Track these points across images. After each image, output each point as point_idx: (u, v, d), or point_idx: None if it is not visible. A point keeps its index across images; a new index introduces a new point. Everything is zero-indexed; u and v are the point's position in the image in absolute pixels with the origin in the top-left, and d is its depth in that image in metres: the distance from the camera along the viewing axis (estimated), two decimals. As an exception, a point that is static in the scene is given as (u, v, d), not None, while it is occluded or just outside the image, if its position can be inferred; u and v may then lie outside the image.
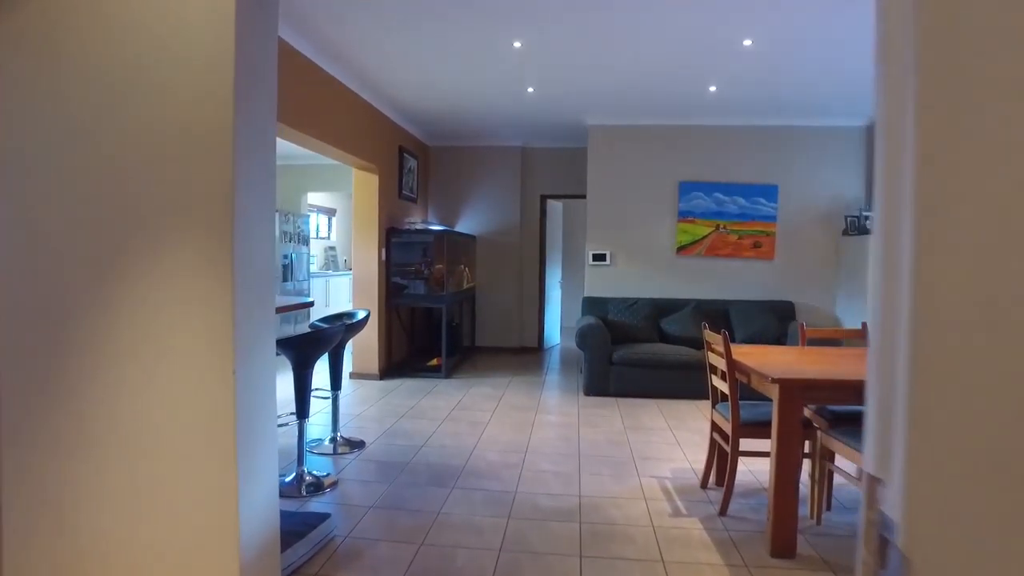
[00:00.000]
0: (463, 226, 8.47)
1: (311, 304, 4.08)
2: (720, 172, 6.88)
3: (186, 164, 1.90)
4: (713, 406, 3.53)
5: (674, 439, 4.53)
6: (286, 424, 3.85)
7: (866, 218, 6.45)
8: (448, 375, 6.76)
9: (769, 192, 6.81)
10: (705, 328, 3.53)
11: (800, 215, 6.85)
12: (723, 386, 3.27)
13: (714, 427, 3.52)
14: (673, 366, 5.84)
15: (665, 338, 6.45)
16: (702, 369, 5.96)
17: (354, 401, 5.60)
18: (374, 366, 6.59)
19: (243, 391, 1.93)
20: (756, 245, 6.86)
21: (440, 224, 8.28)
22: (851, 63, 4.91)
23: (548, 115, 6.82)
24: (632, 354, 5.88)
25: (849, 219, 6.59)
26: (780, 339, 6.32)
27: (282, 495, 3.30)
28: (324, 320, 4.23)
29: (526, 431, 4.69)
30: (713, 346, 3.40)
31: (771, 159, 6.84)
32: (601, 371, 5.93)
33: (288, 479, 3.45)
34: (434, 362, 6.94)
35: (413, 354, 7.55)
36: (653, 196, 6.96)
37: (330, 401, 4.28)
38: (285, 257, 8.49)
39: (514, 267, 8.47)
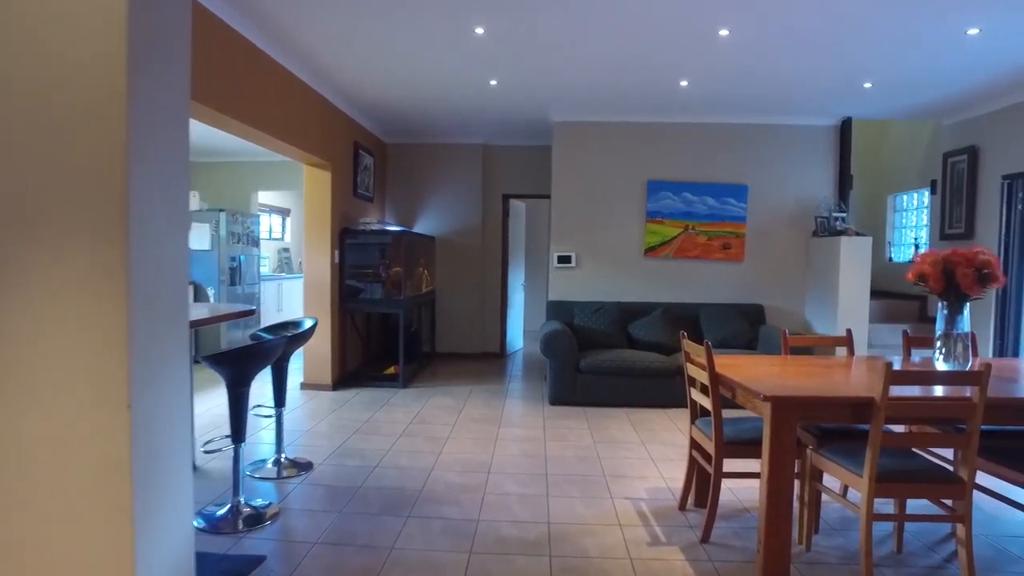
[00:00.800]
0: (422, 227, 8.11)
1: (252, 312, 3.69)
2: (689, 171, 6.67)
3: (69, 146, 1.53)
4: (692, 421, 3.26)
5: (647, 454, 4.26)
6: (218, 450, 3.45)
7: (836, 219, 6.31)
8: (406, 384, 6.39)
9: (739, 192, 6.63)
10: (683, 337, 3.26)
11: (770, 216, 6.68)
12: (704, 401, 3.00)
13: (693, 444, 3.25)
14: (643, 373, 5.58)
15: (634, 344, 6.20)
16: (673, 376, 5.77)
17: (304, 415, 5.19)
18: (327, 376, 6.19)
19: (142, 429, 1.56)
20: (725, 247, 6.67)
21: (398, 225, 7.90)
22: (826, 59, 4.72)
23: (512, 111, 6.51)
24: (600, 361, 5.61)
25: (819, 220, 6.44)
26: (751, 343, 6.13)
27: (216, 531, 2.92)
28: (268, 329, 3.84)
29: (489, 447, 4.36)
30: (693, 357, 3.13)
31: (741, 158, 6.66)
32: (567, 379, 5.64)
33: (221, 512, 3.06)
34: (391, 370, 6.56)
35: (369, 362, 7.15)
36: (620, 196, 6.71)
37: (274, 419, 3.87)
38: (233, 260, 7.99)
39: (475, 270, 8.14)
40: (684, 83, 5.37)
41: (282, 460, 3.80)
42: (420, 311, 7.68)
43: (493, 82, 5.47)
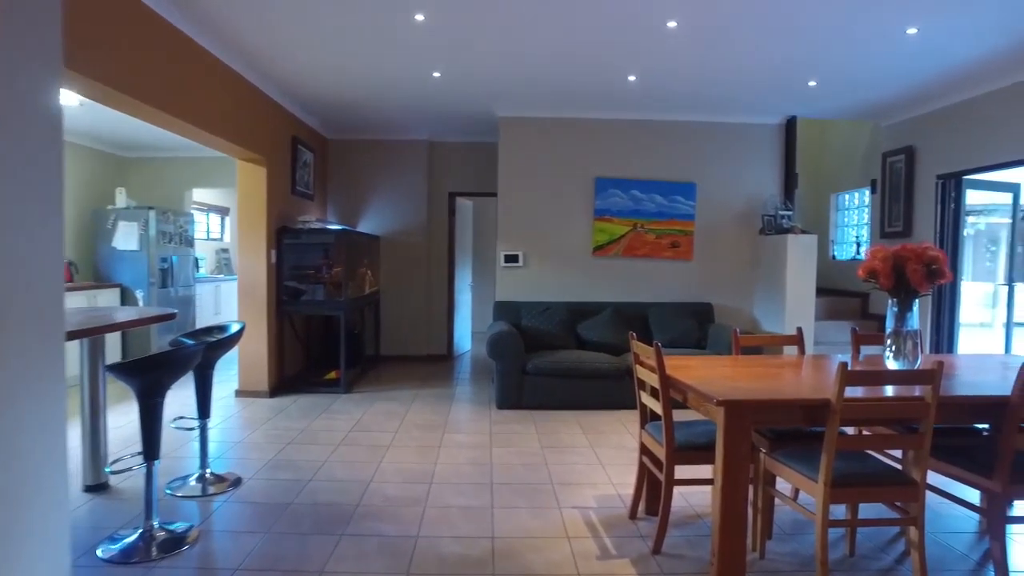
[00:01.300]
0: (366, 226, 7.83)
1: (172, 316, 3.40)
2: (637, 169, 6.60)
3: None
4: (642, 426, 3.14)
5: (596, 459, 4.13)
6: (128, 469, 3.15)
7: (782, 218, 6.34)
8: (348, 389, 6.12)
9: (687, 190, 6.59)
10: (632, 338, 3.13)
11: (718, 214, 6.67)
12: (654, 405, 2.88)
13: (643, 450, 3.12)
14: (591, 375, 5.46)
15: (582, 344, 6.08)
16: (622, 377, 5.67)
17: (236, 425, 4.88)
18: (263, 382, 5.87)
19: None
20: (674, 245, 6.62)
21: (340, 223, 7.61)
22: (772, 54, 4.69)
23: (456, 105, 6.31)
24: (548, 363, 5.46)
25: (766, 218, 6.46)
26: (700, 342, 6.09)
27: (126, 561, 2.64)
28: (191, 335, 3.55)
29: (432, 456, 4.16)
30: (642, 359, 3.01)
31: (689, 156, 6.62)
32: (515, 382, 5.47)
33: (132, 539, 2.77)
34: (332, 375, 6.28)
35: (309, 367, 6.84)
36: (568, 193, 6.59)
37: (198, 432, 3.58)
38: (164, 261, 7.55)
39: (421, 270, 7.91)
40: (632, 78, 5.27)
41: (207, 476, 3.51)
42: (363, 313, 7.41)
43: (436, 74, 5.26)
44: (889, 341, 2.83)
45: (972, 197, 6.07)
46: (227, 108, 4.97)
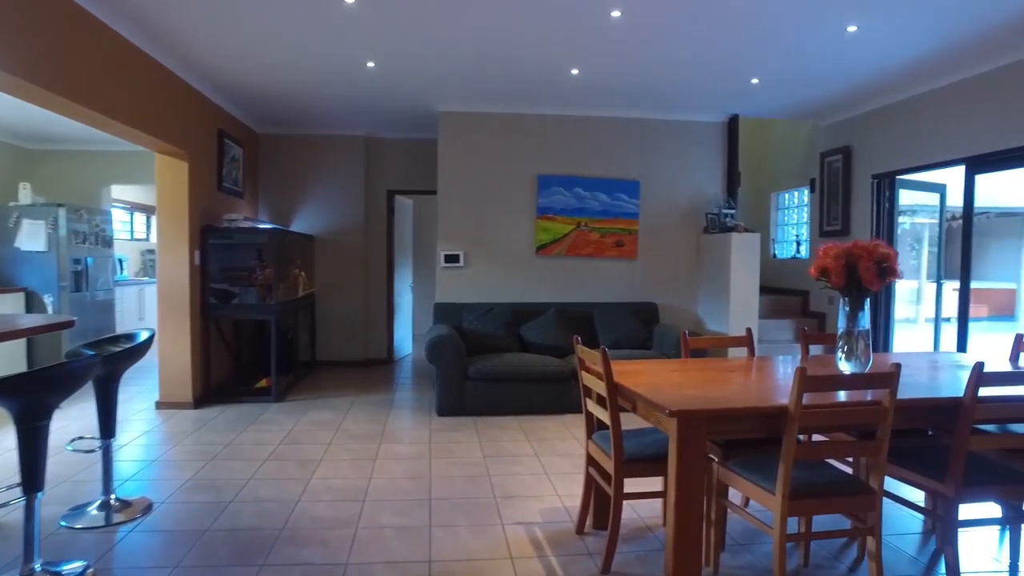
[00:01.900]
0: (300, 225, 7.45)
1: (69, 324, 3.04)
2: (581, 166, 6.46)
3: None
4: (589, 435, 2.96)
5: (541, 468, 3.94)
6: (4, 504, 2.78)
7: (726, 216, 6.31)
8: (280, 398, 5.77)
9: (631, 188, 6.49)
10: (577, 343, 2.95)
11: (662, 213, 6.60)
12: (601, 414, 2.70)
13: (590, 461, 2.95)
14: (535, 378, 5.28)
15: (526, 347, 5.90)
16: (567, 380, 5.50)
17: (153, 441, 4.49)
18: (186, 393, 5.46)
19: None
20: (618, 244, 6.51)
21: (272, 222, 7.22)
22: (716, 50, 4.60)
23: (393, 99, 6.03)
24: (490, 367, 5.25)
25: (710, 217, 6.42)
26: (646, 343, 6.00)
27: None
28: (93, 344, 3.19)
29: (366, 470, 3.89)
30: (588, 364, 2.83)
31: (633, 153, 6.53)
32: (456, 387, 5.24)
33: (11, 582, 2.42)
34: (263, 383, 5.91)
35: (239, 375, 6.44)
36: (510, 191, 6.40)
37: (100, 454, 3.21)
38: (77, 263, 6.99)
39: (359, 271, 7.58)
40: (575, 72, 5.12)
41: (111, 503, 3.15)
42: (297, 316, 7.04)
43: (371, 64, 4.98)
44: (841, 342, 2.73)
45: (902, 197, 6.17)
46: (142, 96, 4.57)
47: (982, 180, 6.03)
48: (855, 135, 6.36)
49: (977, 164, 5.12)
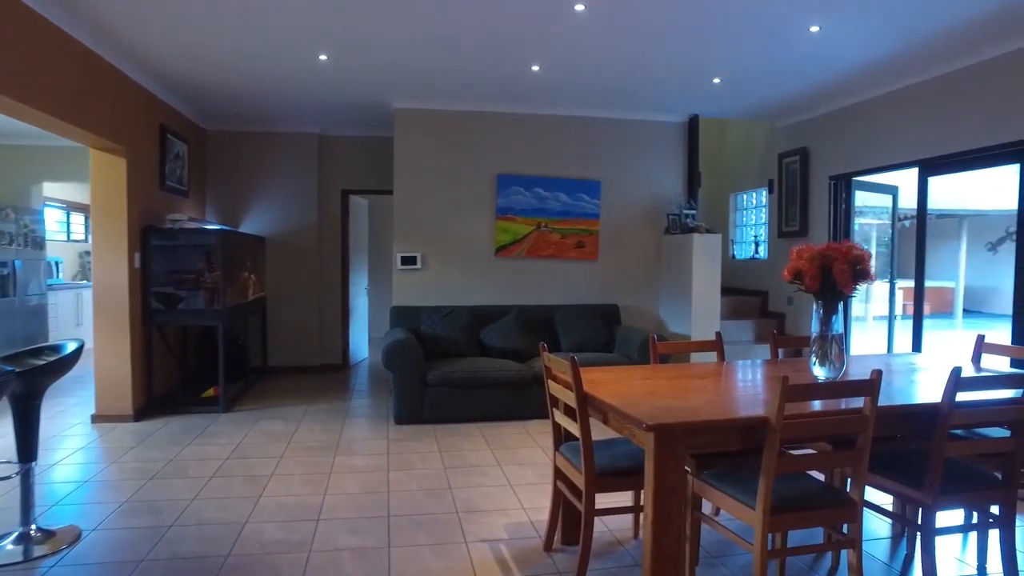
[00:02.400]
0: (250, 226, 7.13)
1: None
2: (541, 165, 6.33)
3: None
4: (556, 447, 2.82)
5: (505, 479, 3.79)
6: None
7: (687, 216, 6.27)
8: (228, 408, 5.47)
9: (592, 188, 6.39)
10: (543, 350, 2.80)
11: (623, 213, 6.52)
12: (570, 425, 2.56)
13: (558, 474, 2.80)
14: (496, 384, 5.13)
15: (486, 351, 5.74)
16: (530, 385, 5.35)
17: (87, 460, 4.17)
18: (126, 404, 5.12)
19: None
20: (579, 245, 6.41)
21: (221, 223, 6.89)
22: (678, 50, 4.53)
23: (347, 94, 5.80)
24: (449, 372, 5.07)
25: (671, 217, 6.37)
26: (608, 345, 5.90)
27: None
28: (10, 358, 2.90)
29: (321, 485, 3.67)
30: (556, 373, 2.69)
31: (594, 153, 6.43)
32: (414, 394, 5.05)
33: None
34: (210, 392, 5.60)
35: (185, 384, 6.10)
36: (469, 191, 6.23)
37: (19, 480, 2.91)
38: (3, 265, 6.55)
39: (312, 273, 7.30)
40: (536, 68, 4.98)
41: (31, 534, 2.86)
42: (247, 321, 6.73)
43: (323, 57, 4.75)
44: (815, 346, 2.65)
45: (856, 198, 6.23)
46: (70, 86, 4.24)
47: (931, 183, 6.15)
48: (812, 137, 6.39)
49: (930, 167, 5.18)
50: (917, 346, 5.32)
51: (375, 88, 5.60)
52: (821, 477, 3.02)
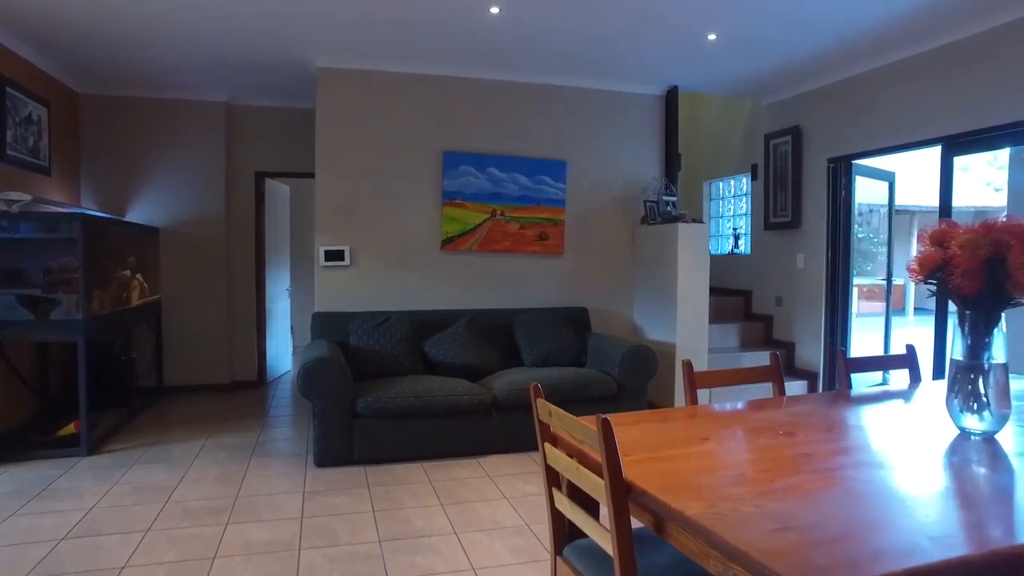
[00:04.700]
0: (140, 213, 5.81)
1: None
2: (497, 141, 5.27)
3: None
4: (557, 551, 1.77)
5: (465, 558, 2.72)
6: None
7: (667, 204, 5.33)
8: (95, 449, 4.20)
9: (556, 170, 5.38)
10: (537, 395, 1.74)
11: (592, 199, 5.53)
12: (587, 525, 1.53)
13: (559, 589, 1.76)
14: (446, 412, 4.04)
15: (432, 367, 4.64)
16: (487, 412, 4.07)
17: None
18: (-53, 447, 3.80)
19: None
20: (542, 237, 5.39)
21: (100, 210, 5.56)
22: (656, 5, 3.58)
23: (260, 50, 4.61)
24: (385, 398, 3.95)
25: (648, 205, 5.42)
26: (579, 358, 4.90)
27: None
28: None
29: (200, 574, 2.53)
30: (562, 434, 1.65)
31: (559, 129, 5.42)
32: (340, 428, 3.91)
33: None
34: (70, 429, 4.31)
35: (41, 418, 4.75)
36: (408, 171, 5.12)
37: None
38: None
39: (219, 271, 6.03)
40: (495, 10, 3.91)
41: None
42: (131, 332, 5.41)
43: (213, -14, 3.57)
44: (958, 381, 1.70)
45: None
46: None
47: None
48: (806, 114, 5.57)
49: (956, 145, 4.39)
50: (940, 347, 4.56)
51: (292, 42, 4.43)
52: None
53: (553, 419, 1.59)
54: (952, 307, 1.76)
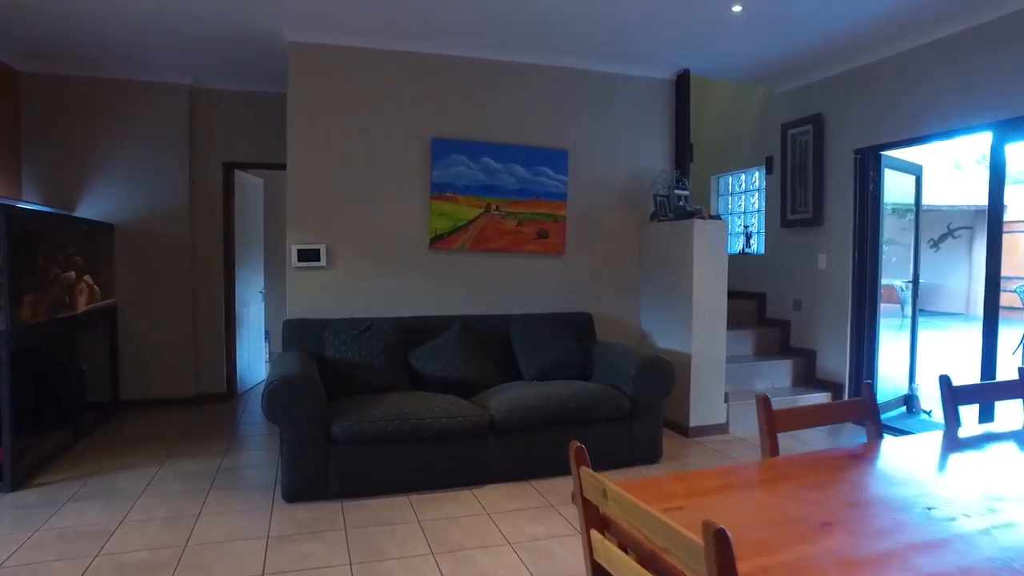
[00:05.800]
0: (91, 208, 5.19)
1: None
2: (492, 128, 4.73)
3: None
4: None
5: (462, 637, 2.18)
6: None
7: (680, 198, 4.82)
8: (22, 482, 3.59)
9: (557, 160, 4.84)
10: (580, 459, 1.20)
11: (596, 193, 5.01)
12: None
13: None
14: (436, 436, 3.49)
15: (420, 382, 4.08)
16: (482, 436, 3.50)
17: None
18: None
19: None
20: (541, 234, 4.85)
21: (44, 204, 4.96)
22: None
23: (223, 22, 4.03)
24: (365, 422, 3.38)
25: (659, 200, 4.90)
26: (585, 371, 4.36)
27: None
28: None
29: None
30: (615, 518, 1.11)
31: (560, 114, 4.89)
32: (313, 457, 3.35)
33: None
34: (-4, 456, 3.70)
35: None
36: (393, 160, 4.56)
37: None
38: None
39: (183, 272, 5.43)
40: (492, -31, 3.38)
41: None
42: (78, 341, 4.79)
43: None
44: None
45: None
46: None
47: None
48: (829, 101, 5.08)
49: (1011, 130, 3.92)
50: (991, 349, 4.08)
51: (259, 12, 3.86)
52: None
53: (611, 503, 1.05)
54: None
